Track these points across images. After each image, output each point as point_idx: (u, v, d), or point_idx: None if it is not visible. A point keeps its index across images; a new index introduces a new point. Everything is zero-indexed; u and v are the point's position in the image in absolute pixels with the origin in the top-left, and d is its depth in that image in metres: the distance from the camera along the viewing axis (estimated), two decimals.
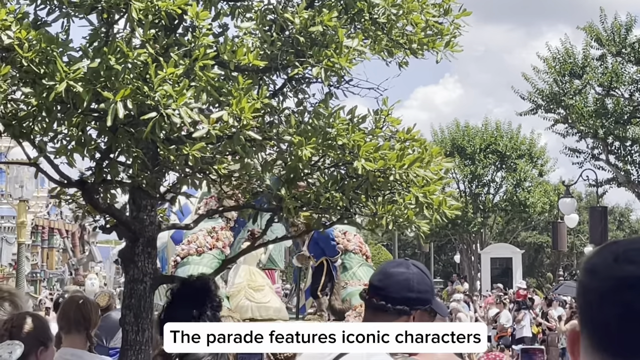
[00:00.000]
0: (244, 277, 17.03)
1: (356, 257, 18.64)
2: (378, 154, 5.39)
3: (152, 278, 6.06)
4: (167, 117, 4.68)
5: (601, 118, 35.96)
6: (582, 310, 1.76)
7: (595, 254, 1.79)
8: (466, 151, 50.79)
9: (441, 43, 5.99)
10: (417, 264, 3.84)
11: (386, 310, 3.67)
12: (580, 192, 66.40)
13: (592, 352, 1.72)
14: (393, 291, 3.68)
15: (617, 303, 1.67)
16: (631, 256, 1.71)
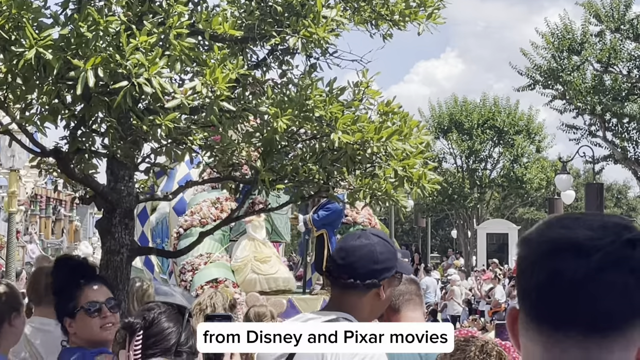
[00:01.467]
0: (249, 249, 16.65)
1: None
2: (356, 126, 5.31)
3: (129, 250, 6.01)
4: (139, 86, 4.60)
5: (599, 94, 35.85)
6: (519, 280, 1.72)
7: (531, 226, 1.76)
8: (464, 126, 50.64)
9: (423, 15, 5.90)
10: (376, 232, 3.81)
11: (356, 287, 3.62)
12: (579, 168, 66.42)
13: (526, 324, 1.69)
14: (359, 267, 3.63)
15: (545, 268, 1.64)
16: (564, 222, 1.68)
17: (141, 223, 19.46)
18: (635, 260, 1.63)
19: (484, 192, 52.98)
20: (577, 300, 1.61)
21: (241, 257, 16.59)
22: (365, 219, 18.15)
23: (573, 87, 35.98)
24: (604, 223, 1.67)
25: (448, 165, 52.75)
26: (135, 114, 5.07)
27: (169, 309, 3.97)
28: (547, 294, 1.64)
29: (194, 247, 6.69)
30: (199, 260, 16.20)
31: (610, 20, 35.19)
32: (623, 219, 1.71)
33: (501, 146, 51.28)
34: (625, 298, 1.61)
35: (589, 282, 1.60)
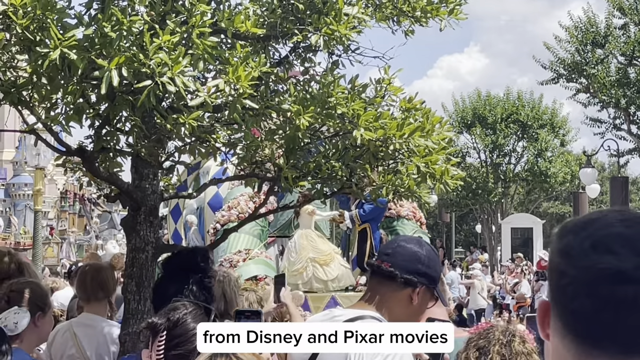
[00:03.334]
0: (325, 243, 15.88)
1: (410, 223, 17.81)
2: (378, 123, 5.33)
3: (154, 247, 6.05)
4: (162, 85, 4.63)
5: (623, 88, 35.66)
6: (556, 293, 1.73)
7: (570, 232, 1.74)
8: (487, 121, 50.46)
9: (445, 11, 5.91)
10: (430, 245, 3.84)
11: (393, 278, 3.65)
12: (603, 162, 66.14)
13: (562, 333, 1.71)
14: (403, 260, 3.69)
15: (592, 295, 1.65)
16: (609, 244, 1.67)
17: (174, 220, 19.32)
18: None
19: (508, 186, 52.79)
20: (620, 323, 1.64)
21: (325, 250, 15.73)
22: (409, 212, 17.85)
23: (597, 81, 35.81)
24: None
25: (472, 160, 52.59)
26: (159, 113, 5.11)
27: (195, 309, 3.95)
28: (590, 319, 1.66)
29: (219, 244, 6.73)
30: (238, 257, 15.80)
31: (635, 13, 35.01)
32: None
33: (525, 140, 51.05)
34: None
35: (634, 308, 1.63)
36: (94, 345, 6.13)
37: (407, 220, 17.74)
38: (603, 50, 36.09)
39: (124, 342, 5.88)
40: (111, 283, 6.37)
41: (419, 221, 18.09)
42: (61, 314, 8.71)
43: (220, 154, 6.02)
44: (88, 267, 6.66)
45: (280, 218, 17.46)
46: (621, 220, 1.71)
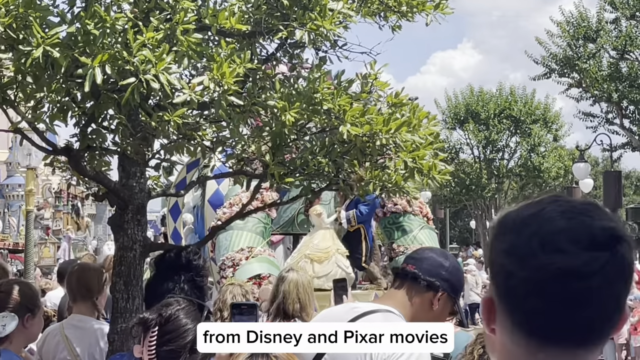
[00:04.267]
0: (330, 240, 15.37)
1: (416, 219, 17.30)
2: (364, 118, 5.32)
3: (142, 246, 6.03)
4: (146, 82, 4.61)
5: (615, 82, 35.76)
6: (503, 292, 1.74)
7: (512, 231, 1.74)
8: (480, 116, 50.54)
9: (431, 5, 5.89)
10: (455, 259, 3.98)
11: (416, 279, 3.72)
12: (597, 157, 66.13)
13: (511, 330, 1.73)
14: (428, 264, 3.78)
15: (544, 294, 1.67)
16: (556, 242, 1.67)
17: (173, 219, 19.08)
18: (626, 272, 1.69)
19: (501, 182, 52.88)
20: (577, 319, 1.67)
21: (324, 247, 15.29)
22: (416, 207, 17.35)
23: (589, 75, 35.90)
24: (594, 237, 1.68)
25: (465, 155, 52.71)
26: (145, 111, 5.09)
27: (188, 306, 3.94)
28: (543, 316, 1.68)
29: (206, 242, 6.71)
30: (240, 255, 15.36)
31: (626, 7, 35.09)
32: (605, 217, 1.72)
33: (518, 136, 51.15)
34: (618, 308, 1.70)
35: (589, 302, 1.66)
36: (85, 347, 6.13)
37: (413, 215, 17.28)
38: (595, 44, 36.17)
39: (112, 341, 5.86)
40: (95, 283, 6.36)
41: (425, 217, 17.61)
42: (54, 314, 8.71)
43: (208, 151, 6.00)
44: (76, 268, 6.67)
45: (283, 215, 17.02)
46: (561, 212, 1.72)
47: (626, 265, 1.68)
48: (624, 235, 1.70)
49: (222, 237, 15.31)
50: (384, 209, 17.21)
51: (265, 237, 16.03)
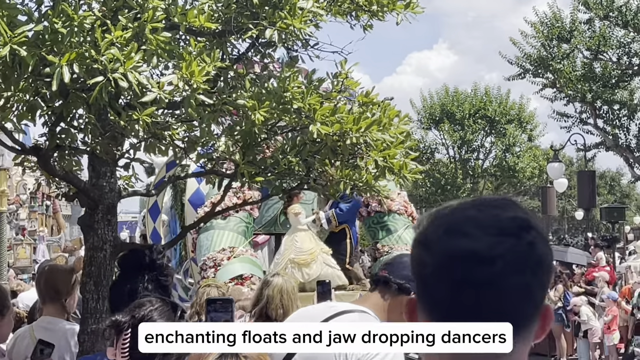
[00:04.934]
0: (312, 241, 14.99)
1: (401, 218, 16.85)
2: (335, 117, 5.31)
3: (112, 246, 6.00)
4: (115, 81, 4.58)
5: (589, 82, 35.97)
6: (419, 283, 1.77)
7: (425, 221, 1.78)
8: (455, 117, 50.69)
9: (402, 5, 5.89)
10: None
11: (387, 282, 3.73)
12: (571, 156, 66.49)
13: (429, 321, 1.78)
14: (399, 268, 3.82)
15: (450, 279, 1.69)
16: (462, 227, 1.70)
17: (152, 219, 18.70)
18: (534, 260, 1.71)
19: (476, 182, 53.07)
20: (483, 305, 1.69)
21: (307, 249, 14.91)
22: (401, 206, 16.98)
23: (563, 75, 36.09)
24: (501, 224, 1.70)
25: (440, 156, 52.85)
26: (113, 110, 5.05)
27: (161, 306, 3.89)
28: (451, 302, 1.71)
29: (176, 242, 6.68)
30: (222, 255, 14.89)
31: (599, 7, 35.27)
32: (518, 210, 1.76)
33: (493, 136, 51.36)
34: (528, 298, 1.71)
35: (494, 288, 1.67)
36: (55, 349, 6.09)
37: (398, 215, 16.85)
38: (569, 45, 36.37)
39: (82, 342, 5.83)
40: (64, 285, 6.32)
41: (410, 216, 17.12)
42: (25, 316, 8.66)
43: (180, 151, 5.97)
44: (45, 269, 6.64)
45: (265, 214, 16.57)
46: (473, 204, 1.76)
47: (535, 254, 1.70)
48: (535, 226, 1.73)
49: (203, 236, 15.02)
50: (368, 209, 16.90)
51: (247, 237, 15.70)
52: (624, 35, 35.82)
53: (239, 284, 13.64)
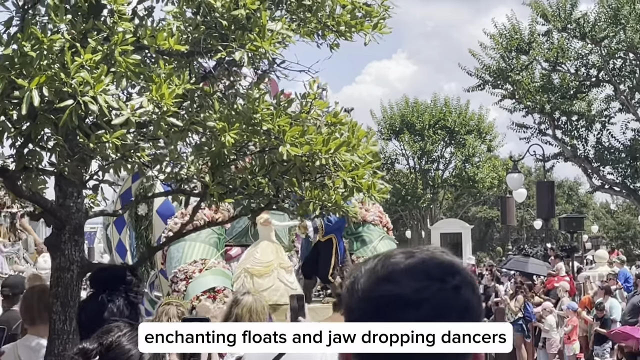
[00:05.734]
0: (272, 253, 14.74)
1: (376, 229, 16.76)
2: (304, 138, 5.32)
3: (79, 266, 5.95)
4: (85, 104, 4.57)
5: (547, 93, 36.31)
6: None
7: (358, 271, 1.86)
8: (415, 127, 50.95)
9: (369, 25, 5.92)
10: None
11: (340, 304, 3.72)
12: (530, 167, 66.98)
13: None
14: None
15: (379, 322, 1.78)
16: (390, 275, 1.78)
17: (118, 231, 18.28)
18: (460, 305, 1.80)
19: (436, 192, 53.34)
20: None
21: (265, 260, 14.63)
22: (375, 216, 16.88)
23: (522, 87, 36.39)
24: (427, 269, 1.78)
25: (400, 166, 53.10)
26: (83, 132, 5.03)
27: (130, 331, 3.84)
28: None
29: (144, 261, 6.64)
30: (193, 268, 14.55)
31: (557, 19, 35.62)
32: (445, 256, 1.85)
33: (453, 146, 51.68)
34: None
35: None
36: None
37: (373, 225, 16.80)
38: (527, 56, 36.67)
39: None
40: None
41: (385, 227, 17.16)
42: None
43: (146, 169, 5.95)
44: (35, 289, 6.60)
45: (236, 225, 16.26)
46: (403, 252, 1.84)
47: (462, 299, 1.78)
48: (460, 271, 1.81)
49: (174, 248, 14.66)
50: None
51: (219, 249, 15.47)
52: (582, 47, 36.22)
53: (211, 297, 13.51)
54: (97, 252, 41.68)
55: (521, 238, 64.79)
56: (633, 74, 35.95)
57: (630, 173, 37.24)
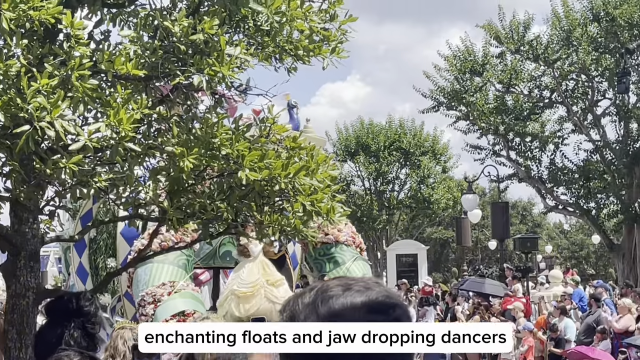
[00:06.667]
0: (258, 271, 14.09)
1: (349, 249, 16.32)
2: (263, 163, 5.31)
3: (35, 293, 5.88)
4: (41, 129, 4.52)
5: (501, 114, 36.62)
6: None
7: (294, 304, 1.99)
8: (371, 149, 51.09)
9: (327, 49, 5.92)
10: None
11: None
12: (484, 187, 67.37)
13: None
14: None
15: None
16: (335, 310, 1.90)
17: (79, 254, 17.79)
18: None
19: (392, 213, 53.45)
20: None
21: (250, 281, 13.97)
22: (348, 237, 16.48)
23: (476, 108, 36.66)
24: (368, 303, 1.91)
25: (356, 188, 53.15)
26: (39, 157, 4.98)
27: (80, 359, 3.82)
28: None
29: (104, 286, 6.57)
30: (162, 290, 14.04)
31: (511, 41, 35.97)
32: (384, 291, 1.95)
33: (408, 167, 51.90)
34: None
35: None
36: None
37: (346, 246, 16.30)
38: (481, 78, 36.97)
39: None
40: None
41: (358, 247, 16.71)
42: None
43: (102, 194, 5.89)
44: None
45: (204, 247, 15.49)
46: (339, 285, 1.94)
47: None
48: (400, 303, 1.95)
49: (141, 270, 14.21)
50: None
51: (188, 271, 14.94)
52: (535, 69, 36.59)
53: (181, 321, 13.06)
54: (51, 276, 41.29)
55: (476, 259, 65.11)
56: (585, 95, 36.36)
57: (584, 193, 37.60)
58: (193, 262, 15.34)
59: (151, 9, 5.63)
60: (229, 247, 15.42)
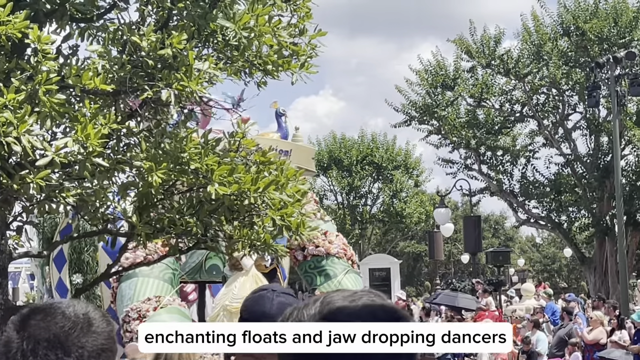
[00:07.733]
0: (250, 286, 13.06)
1: (340, 262, 15.81)
2: (232, 177, 5.29)
3: (3, 309, 5.83)
4: (8, 145, 4.49)
5: (473, 129, 36.70)
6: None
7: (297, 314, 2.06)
8: (343, 163, 51.10)
9: (296, 64, 5.93)
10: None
11: None
12: (457, 201, 67.57)
13: None
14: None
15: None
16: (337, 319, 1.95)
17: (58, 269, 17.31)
18: None
19: (365, 227, 53.44)
20: None
21: (242, 295, 12.41)
22: (339, 249, 15.92)
23: (448, 122, 36.73)
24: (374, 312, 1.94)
25: (329, 202, 53.08)
26: (6, 172, 4.94)
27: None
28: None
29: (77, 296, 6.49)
30: (147, 306, 13.48)
31: (482, 56, 36.11)
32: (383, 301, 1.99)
33: (380, 182, 51.92)
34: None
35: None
36: None
37: (337, 258, 15.70)
38: (452, 92, 37.06)
39: None
40: None
41: (350, 259, 16.10)
42: None
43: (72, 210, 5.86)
44: None
45: (189, 261, 15.13)
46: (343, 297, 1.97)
47: None
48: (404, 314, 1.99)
49: (125, 285, 13.72)
50: (304, 252, 15.74)
51: (174, 285, 14.39)
52: (506, 83, 36.72)
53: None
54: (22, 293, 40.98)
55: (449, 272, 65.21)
56: (556, 109, 36.56)
57: (555, 207, 37.76)
58: (179, 276, 14.97)
59: (120, 24, 5.61)
60: (215, 261, 15.09)
